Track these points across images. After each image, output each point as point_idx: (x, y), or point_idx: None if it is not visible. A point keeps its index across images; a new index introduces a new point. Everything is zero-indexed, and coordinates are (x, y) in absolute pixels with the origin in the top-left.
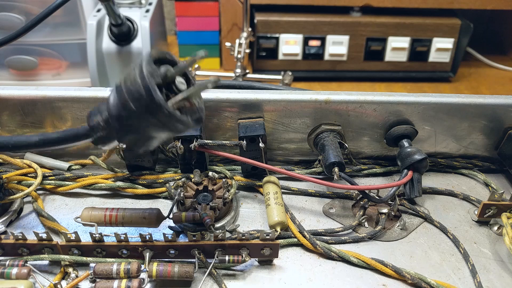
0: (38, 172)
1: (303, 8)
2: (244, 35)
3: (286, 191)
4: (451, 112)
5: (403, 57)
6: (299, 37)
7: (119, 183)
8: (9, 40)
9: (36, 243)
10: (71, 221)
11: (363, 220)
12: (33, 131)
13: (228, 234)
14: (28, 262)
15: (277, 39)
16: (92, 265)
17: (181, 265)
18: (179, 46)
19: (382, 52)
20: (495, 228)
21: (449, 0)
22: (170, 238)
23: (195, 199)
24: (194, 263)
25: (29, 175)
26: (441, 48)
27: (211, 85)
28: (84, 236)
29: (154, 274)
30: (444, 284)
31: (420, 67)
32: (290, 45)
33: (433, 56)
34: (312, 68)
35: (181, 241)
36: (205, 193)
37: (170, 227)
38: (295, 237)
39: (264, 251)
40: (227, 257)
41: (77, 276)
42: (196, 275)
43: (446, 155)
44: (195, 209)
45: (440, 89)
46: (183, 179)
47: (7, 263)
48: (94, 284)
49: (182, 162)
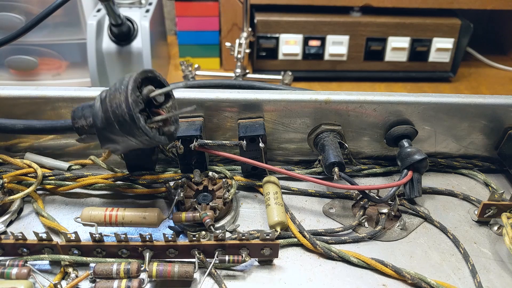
0: (38, 172)
1: (303, 8)
2: (244, 35)
3: (286, 191)
4: (451, 112)
5: (403, 57)
6: (299, 37)
7: (119, 183)
8: (9, 40)
9: (36, 243)
10: (71, 221)
11: (363, 220)
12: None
13: (228, 234)
14: (28, 262)
15: (277, 39)
16: (92, 265)
17: (181, 265)
18: (179, 46)
19: (382, 52)
20: (495, 228)
21: (449, 0)
22: (170, 238)
23: (195, 199)
24: (194, 263)
25: (29, 175)
26: (441, 48)
27: (189, 112)
28: (84, 236)
29: (154, 274)
30: (444, 284)
31: (420, 67)
32: (290, 45)
33: (433, 56)
34: (312, 68)
35: (181, 241)
36: (205, 193)
37: (170, 227)
38: (295, 237)
39: (264, 251)
40: (227, 257)
41: (77, 276)
42: (196, 275)
43: (446, 155)
44: (195, 209)
45: (440, 89)
46: (183, 179)
47: (7, 263)
48: (94, 284)
49: (182, 162)
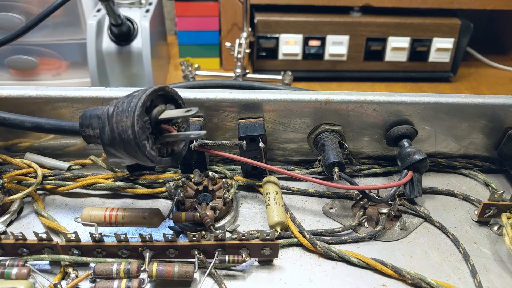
0: (38, 172)
1: (303, 8)
2: (244, 35)
3: (286, 191)
4: (451, 112)
5: (403, 57)
6: (299, 37)
7: (119, 183)
8: (9, 40)
9: (36, 243)
10: (71, 221)
11: (363, 220)
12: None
13: (228, 234)
14: (28, 262)
15: (277, 39)
16: (92, 265)
17: (181, 265)
18: (179, 46)
19: (382, 52)
20: (495, 228)
21: (449, 0)
22: (170, 238)
23: (195, 199)
24: (194, 263)
25: (29, 175)
26: (441, 48)
27: (194, 137)
28: (84, 236)
29: (154, 274)
30: (444, 284)
31: (420, 67)
32: (290, 45)
33: (433, 56)
34: (312, 68)
35: (181, 241)
36: (205, 193)
37: (170, 227)
38: (295, 237)
39: (264, 251)
40: (227, 257)
41: (77, 276)
42: (196, 275)
43: (446, 155)
44: (195, 209)
45: (440, 89)
46: (183, 179)
47: (7, 263)
48: (94, 284)
49: (182, 162)
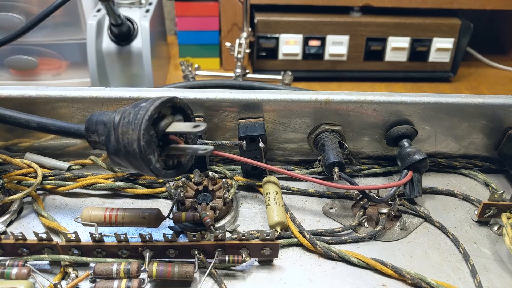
0: (38, 172)
1: (303, 8)
2: (244, 35)
3: (286, 191)
4: (451, 112)
5: (403, 57)
6: (299, 37)
7: (119, 183)
8: (9, 40)
9: (36, 243)
10: (71, 221)
11: (363, 220)
12: (33, 131)
13: (228, 234)
14: (28, 262)
15: (277, 39)
16: (92, 265)
17: (181, 265)
18: (179, 46)
19: (382, 52)
20: (495, 228)
21: (449, 0)
22: (170, 238)
23: (195, 199)
24: (194, 263)
25: (29, 175)
26: (441, 48)
27: (202, 153)
28: (84, 236)
29: (154, 274)
30: (444, 284)
31: (420, 67)
32: (290, 45)
33: (433, 56)
34: (312, 68)
35: (181, 241)
36: (205, 193)
37: (170, 227)
38: (295, 237)
39: (264, 251)
40: (227, 257)
41: (77, 276)
42: (196, 275)
43: (446, 155)
44: (195, 209)
45: (440, 89)
46: (183, 179)
47: (7, 263)
48: (94, 284)
49: None
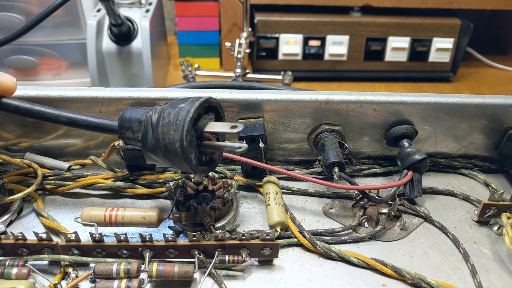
0: (38, 172)
1: (303, 8)
2: (244, 35)
3: (286, 191)
4: (451, 112)
5: (403, 57)
6: (299, 37)
7: (119, 183)
8: (9, 40)
9: (36, 243)
10: (71, 221)
11: (363, 220)
12: (33, 131)
13: (228, 234)
14: (28, 262)
15: (277, 39)
16: (92, 265)
17: (181, 265)
18: (179, 46)
19: (382, 52)
20: (495, 228)
21: (449, 0)
22: (170, 238)
23: (195, 199)
24: (194, 263)
25: (29, 175)
26: (441, 48)
27: (239, 151)
28: (84, 236)
29: (154, 274)
30: (444, 284)
31: (420, 67)
32: (290, 45)
33: (433, 56)
34: (312, 68)
35: (181, 241)
36: (205, 193)
37: (170, 227)
38: (295, 237)
39: (264, 251)
40: (227, 257)
41: (77, 276)
42: (196, 275)
43: (446, 155)
44: (195, 209)
45: (440, 89)
46: (183, 179)
47: (7, 263)
48: (94, 284)
49: None
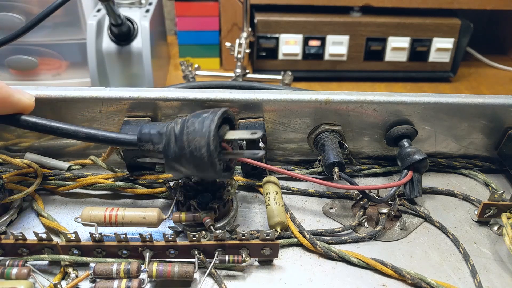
0: (38, 172)
1: (303, 8)
2: (244, 35)
3: (286, 191)
4: (451, 112)
5: (403, 57)
6: (299, 37)
7: (119, 183)
8: (9, 40)
9: (36, 243)
10: (71, 221)
11: (363, 220)
12: (33, 131)
13: (228, 234)
14: (28, 262)
15: (277, 39)
16: (92, 265)
17: (181, 265)
18: (179, 46)
19: (382, 52)
20: (495, 228)
21: (449, 0)
22: (170, 238)
23: (195, 199)
24: (194, 263)
25: (29, 175)
26: (441, 48)
27: (257, 157)
28: (84, 236)
29: (154, 274)
30: (444, 284)
31: (420, 67)
32: (290, 45)
33: (433, 56)
34: (312, 68)
35: (181, 241)
36: (205, 193)
37: (170, 227)
38: (295, 237)
39: (264, 251)
40: (227, 257)
41: (77, 276)
42: (196, 275)
43: (446, 155)
44: (195, 209)
45: (440, 89)
46: (183, 179)
47: (7, 263)
48: (94, 284)
49: None
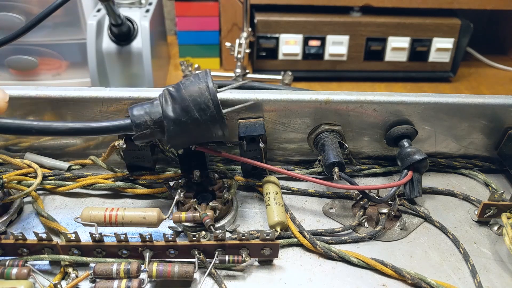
0: (38, 172)
1: (303, 8)
2: (244, 35)
3: (286, 191)
4: (451, 112)
5: (403, 57)
6: (299, 37)
7: (119, 183)
8: (9, 40)
9: (36, 243)
10: (71, 221)
11: (363, 220)
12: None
13: (228, 234)
14: (28, 262)
15: (277, 39)
16: (92, 265)
17: (181, 265)
18: (179, 46)
19: (382, 52)
20: (495, 228)
21: (449, 0)
22: (170, 238)
23: (195, 199)
24: (194, 263)
25: (29, 175)
26: (441, 48)
27: (249, 104)
28: (84, 236)
29: (154, 274)
30: (444, 284)
31: (420, 67)
32: (290, 45)
33: (433, 56)
34: (312, 68)
35: (181, 241)
36: (205, 193)
37: (170, 227)
38: (295, 237)
39: (264, 251)
40: (227, 257)
41: (77, 276)
42: (196, 275)
43: (446, 155)
44: (195, 209)
45: (440, 89)
46: (183, 179)
47: (7, 263)
48: (94, 284)
49: (182, 162)
